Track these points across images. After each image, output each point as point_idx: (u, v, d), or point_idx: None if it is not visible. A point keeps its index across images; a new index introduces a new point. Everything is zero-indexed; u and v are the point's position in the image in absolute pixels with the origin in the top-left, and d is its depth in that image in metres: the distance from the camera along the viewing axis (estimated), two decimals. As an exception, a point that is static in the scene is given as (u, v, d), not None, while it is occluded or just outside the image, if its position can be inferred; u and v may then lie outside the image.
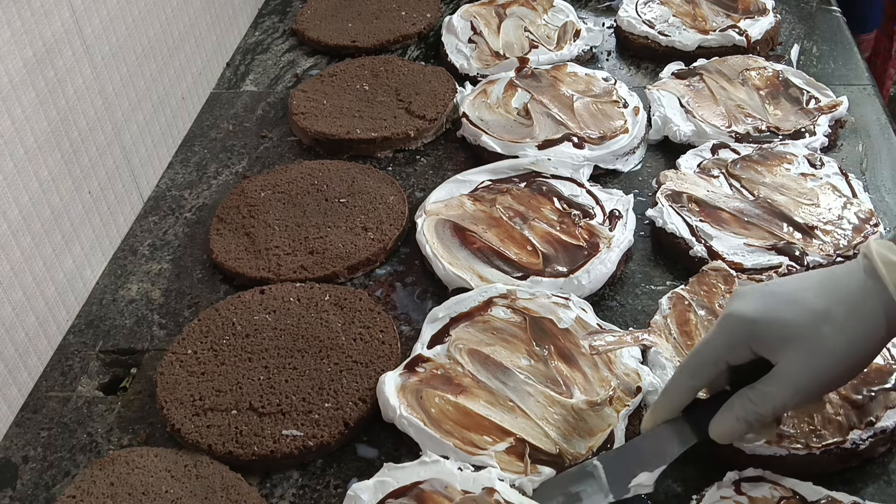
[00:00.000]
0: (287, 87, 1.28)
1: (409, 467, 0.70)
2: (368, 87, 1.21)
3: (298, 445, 0.74)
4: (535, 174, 1.00)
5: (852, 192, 0.94)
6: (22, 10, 0.83)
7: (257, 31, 1.43)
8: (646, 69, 1.25)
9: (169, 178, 1.12)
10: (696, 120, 1.06)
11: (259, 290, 0.90)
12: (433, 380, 0.77)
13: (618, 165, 1.05)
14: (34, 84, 0.85)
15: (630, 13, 1.30)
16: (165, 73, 1.13)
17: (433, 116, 1.13)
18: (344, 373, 0.80)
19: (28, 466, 0.77)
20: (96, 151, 0.96)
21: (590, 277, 0.87)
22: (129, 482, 0.72)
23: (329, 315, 0.86)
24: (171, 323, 0.91)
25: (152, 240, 1.02)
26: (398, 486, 0.68)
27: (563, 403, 0.74)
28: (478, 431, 0.72)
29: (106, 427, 0.80)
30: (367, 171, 1.07)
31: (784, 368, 0.62)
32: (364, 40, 1.34)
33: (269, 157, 1.14)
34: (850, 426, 0.70)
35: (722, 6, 1.29)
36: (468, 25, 1.31)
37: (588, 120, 1.08)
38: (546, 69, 1.18)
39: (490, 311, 0.83)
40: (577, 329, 0.81)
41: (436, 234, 0.93)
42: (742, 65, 1.15)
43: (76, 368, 0.87)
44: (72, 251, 0.92)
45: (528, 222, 0.93)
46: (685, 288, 0.84)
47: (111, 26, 1.00)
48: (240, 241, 0.97)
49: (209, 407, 0.78)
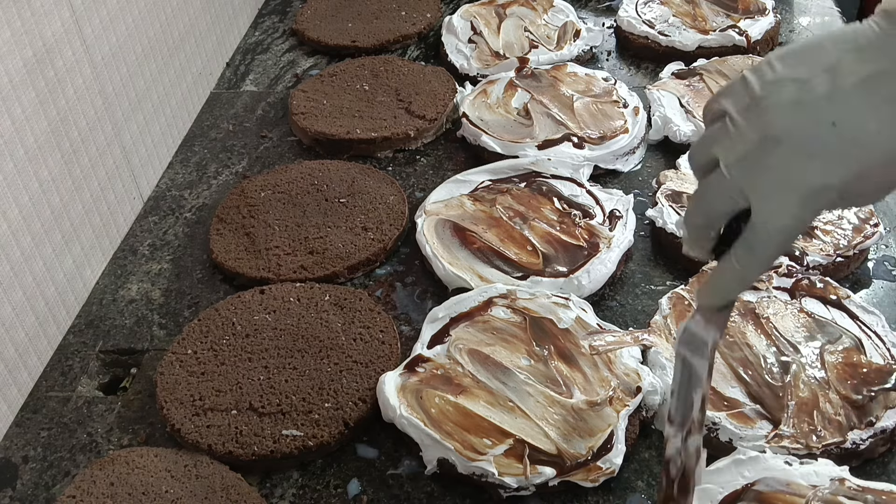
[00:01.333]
0: (287, 87, 1.28)
1: (725, 469, 0.66)
2: (368, 87, 1.21)
3: (298, 445, 0.74)
4: (535, 174, 1.00)
5: (852, 192, 0.94)
6: (22, 10, 0.83)
7: (257, 31, 1.43)
8: (646, 69, 1.25)
9: (169, 178, 1.12)
10: (696, 120, 1.06)
11: (259, 290, 0.90)
12: (433, 380, 0.77)
13: (618, 165, 1.05)
14: (34, 84, 0.85)
15: (630, 13, 1.30)
16: (165, 73, 1.13)
17: (433, 116, 1.13)
18: (344, 373, 0.80)
19: (28, 466, 0.77)
20: (96, 151, 0.96)
21: (590, 277, 0.87)
22: (129, 482, 0.72)
23: (329, 315, 0.86)
24: (171, 323, 0.91)
25: (152, 240, 1.02)
26: (725, 492, 0.65)
27: (563, 403, 0.74)
28: (477, 433, 0.72)
29: (106, 427, 0.80)
30: (367, 171, 1.07)
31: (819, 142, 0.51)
32: (364, 40, 1.34)
33: (269, 157, 1.14)
34: (850, 426, 0.70)
35: (722, 6, 1.29)
36: (468, 25, 1.31)
37: (588, 120, 1.08)
38: (546, 69, 1.18)
39: (490, 311, 0.83)
40: (577, 329, 0.81)
41: (436, 234, 0.93)
42: (742, 65, 1.15)
43: (76, 368, 0.87)
44: (72, 251, 0.92)
45: (528, 222, 0.93)
46: (685, 288, 0.84)
47: (111, 26, 1.00)
48: (240, 241, 0.97)
49: (209, 407, 0.78)
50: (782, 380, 0.74)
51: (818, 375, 0.74)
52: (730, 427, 0.71)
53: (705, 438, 0.71)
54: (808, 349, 0.77)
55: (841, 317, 0.80)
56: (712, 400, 0.73)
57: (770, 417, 0.71)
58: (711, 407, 0.72)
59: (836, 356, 0.76)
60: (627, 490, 0.71)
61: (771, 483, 0.64)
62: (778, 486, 0.64)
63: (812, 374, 0.74)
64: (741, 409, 0.72)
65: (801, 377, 0.74)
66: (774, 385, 0.73)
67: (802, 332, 0.78)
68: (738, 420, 0.71)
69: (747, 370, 0.75)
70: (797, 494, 0.63)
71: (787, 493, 0.64)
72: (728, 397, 0.73)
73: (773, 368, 0.75)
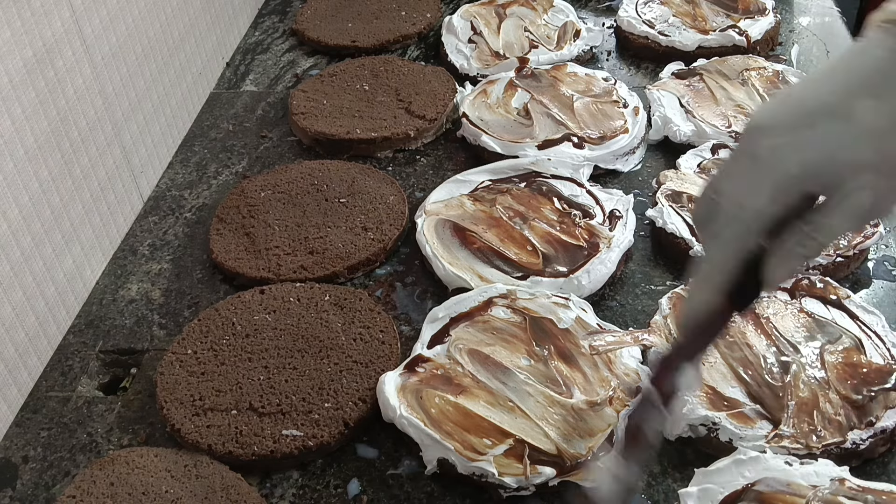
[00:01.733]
0: (287, 87, 1.28)
1: (725, 469, 0.66)
2: (368, 87, 1.21)
3: (298, 445, 0.74)
4: (535, 174, 1.00)
5: (852, 192, 0.94)
6: (22, 10, 0.83)
7: (257, 31, 1.43)
8: (646, 69, 1.25)
9: (169, 178, 1.12)
10: (696, 120, 1.06)
11: (259, 290, 0.90)
12: (433, 380, 0.77)
13: (618, 165, 1.05)
14: (34, 84, 0.85)
15: (630, 13, 1.30)
16: (165, 73, 1.13)
17: (433, 116, 1.13)
18: (344, 373, 0.80)
19: (28, 466, 0.77)
20: (96, 151, 0.96)
21: (590, 277, 0.87)
22: (129, 482, 0.72)
23: (329, 315, 0.86)
24: (171, 323, 0.91)
25: (152, 240, 1.02)
26: (726, 492, 0.64)
27: (563, 403, 0.74)
28: (477, 433, 0.72)
29: (106, 427, 0.80)
30: (367, 171, 1.07)
31: (845, 197, 0.54)
32: (364, 40, 1.34)
33: (269, 157, 1.14)
34: (850, 426, 0.70)
35: (722, 6, 1.29)
36: (468, 25, 1.31)
37: (588, 120, 1.08)
38: (546, 69, 1.18)
39: (490, 311, 0.83)
40: (577, 329, 0.81)
41: (436, 234, 0.93)
42: (742, 65, 1.15)
43: (76, 368, 0.87)
44: (72, 251, 0.92)
45: (528, 222, 0.93)
46: (685, 288, 0.84)
47: (111, 26, 1.00)
48: (240, 241, 0.97)
49: (209, 407, 0.78)
50: (782, 380, 0.74)
51: (818, 375, 0.74)
52: (730, 427, 0.71)
53: (705, 439, 0.72)
54: (808, 349, 0.77)
55: (841, 317, 0.80)
56: (712, 400, 0.73)
57: (770, 417, 0.71)
58: (711, 407, 0.72)
59: (836, 356, 0.76)
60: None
61: (771, 483, 0.64)
62: (778, 487, 0.64)
63: (812, 374, 0.74)
64: (741, 409, 0.72)
65: (801, 377, 0.74)
66: (774, 385, 0.73)
67: (802, 332, 0.78)
68: (738, 420, 0.71)
69: (747, 370, 0.75)
70: (797, 494, 0.63)
71: (787, 494, 0.64)
72: (728, 397, 0.73)
73: (773, 368, 0.75)
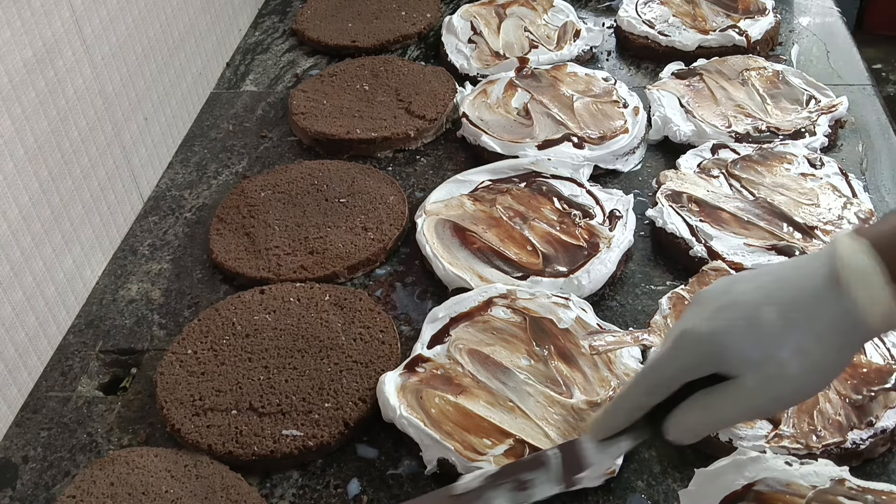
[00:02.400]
0: (287, 87, 1.28)
1: (725, 469, 0.66)
2: (368, 87, 1.21)
3: (298, 445, 0.74)
4: (535, 174, 1.00)
5: (852, 192, 0.94)
6: (22, 10, 0.83)
7: (257, 31, 1.43)
8: (646, 69, 1.25)
9: (169, 178, 1.12)
10: (696, 120, 1.06)
11: (259, 290, 0.90)
12: (433, 380, 0.77)
13: (618, 165, 1.05)
14: (34, 84, 0.85)
15: (630, 13, 1.30)
16: (165, 73, 1.13)
17: (433, 116, 1.13)
18: (344, 373, 0.80)
19: (28, 466, 0.77)
20: (96, 151, 0.96)
21: (590, 277, 0.87)
22: (129, 482, 0.72)
23: (329, 315, 0.86)
24: (171, 323, 0.91)
25: (152, 240, 1.02)
26: (726, 492, 0.64)
27: (563, 403, 0.74)
28: (477, 433, 0.72)
29: (106, 427, 0.80)
30: (367, 171, 1.07)
31: (741, 387, 0.57)
32: (364, 40, 1.34)
33: (269, 157, 1.14)
34: (850, 426, 0.70)
35: (722, 6, 1.29)
36: (468, 25, 1.31)
37: (588, 120, 1.08)
38: (546, 69, 1.18)
39: (490, 311, 0.83)
40: (577, 329, 0.81)
41: (436, 234, 0.93)
42: (742, 65, 1.15)
43: (76, 368, 0.87)
44: (72, 251, 0.92)
45: (528, 222, 0.93)
46: (685, 288, 0.84)
47: (111, 26, 1.00)
48: (240, 241, 0.97)
49: (209, 407, 0.78)
50: (782, 380, 0.74)
51: (818, 375, 0.74)
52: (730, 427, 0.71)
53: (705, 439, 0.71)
54: (808, 349, 0.76)
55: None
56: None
57: (770, 417, 0.71)
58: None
59: (836, 356, 0.76)
60: (627, 490, 0.71)
61: (771, 483, 0.64)
62: (778, 487, 0.64)
63: (812, 374, 0.74)
64: (741, 409, 0.72)
65: (801, 377, 0.74)
66: (774, 385, 0.73)
67: (802, 332, 0.78)
68: (738, 420, 0.71)
69: (747, 370, 0.75)
70: (797, 495, 0.63)
71: (787, 494, 0.64)
72: (728, 397, 0.73)
73: (773, 368, 0.75)
